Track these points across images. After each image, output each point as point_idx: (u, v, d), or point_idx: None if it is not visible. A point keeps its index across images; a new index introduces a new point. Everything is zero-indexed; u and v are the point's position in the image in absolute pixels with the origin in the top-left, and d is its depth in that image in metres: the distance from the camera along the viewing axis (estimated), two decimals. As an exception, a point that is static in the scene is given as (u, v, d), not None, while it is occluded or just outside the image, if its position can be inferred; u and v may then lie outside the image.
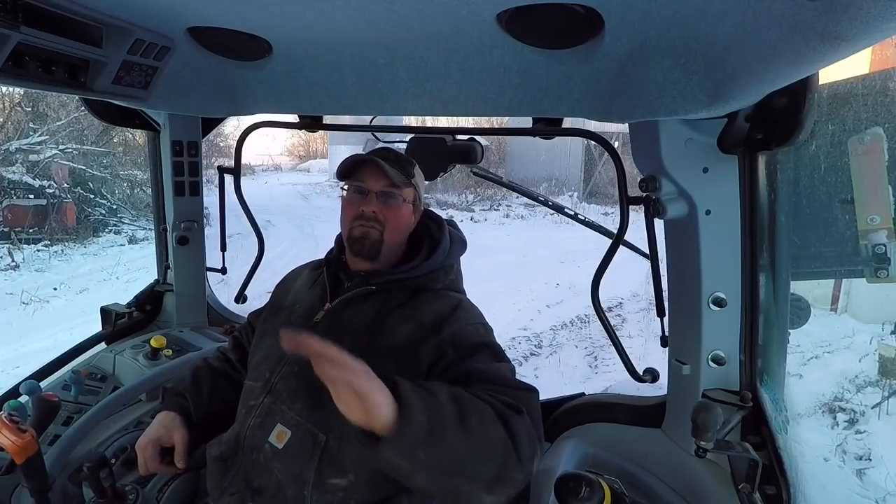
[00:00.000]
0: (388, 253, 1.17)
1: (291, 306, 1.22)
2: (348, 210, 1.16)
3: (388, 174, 1.12)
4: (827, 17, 0.57)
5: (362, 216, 1.13)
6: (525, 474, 0.87)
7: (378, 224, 1.13)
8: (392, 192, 1.15)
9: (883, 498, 3.15)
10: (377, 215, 1.13)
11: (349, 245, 1.17)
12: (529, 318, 6.25)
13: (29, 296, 6.84)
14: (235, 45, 1.16)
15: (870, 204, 1.08)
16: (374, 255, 1.15)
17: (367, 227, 1.13)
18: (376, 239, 1.14)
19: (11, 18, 0.87)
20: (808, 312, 1.28)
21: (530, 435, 0.90)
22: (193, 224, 1.92)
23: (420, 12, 0.90)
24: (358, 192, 1.15)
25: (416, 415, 0.78)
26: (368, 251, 1.14)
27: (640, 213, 1.19)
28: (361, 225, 1.14)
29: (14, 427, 1.05)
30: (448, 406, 0.83)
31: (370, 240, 1.14)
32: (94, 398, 1.56)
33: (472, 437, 0.82)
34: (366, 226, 1.13)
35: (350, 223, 1.15)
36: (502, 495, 0.86)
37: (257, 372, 1.14)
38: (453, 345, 1.04)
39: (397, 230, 1.17)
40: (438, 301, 1.14)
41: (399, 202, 1.16)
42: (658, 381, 1.33)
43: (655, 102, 0.93)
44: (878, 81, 1.10)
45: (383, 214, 1.14)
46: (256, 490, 1.03)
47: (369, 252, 1.14)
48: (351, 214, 1.15)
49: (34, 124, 10.11)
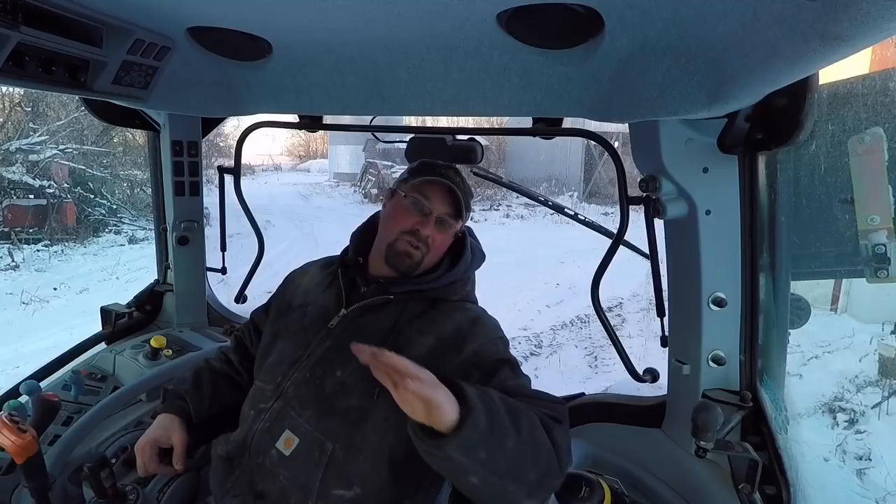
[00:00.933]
0: (419, 271, 1.17)
1: (303, 307, 1.20)
2: (401, 220, 1.14)
3: (457, 204, 1.14)
4: (827, 17, 0.57)
5: (415, 234, 1.12)
6: (560, 482, 0.91)
7: (425, 247, 1.13)
8: (450, 222, 1.15)
9: (883, 498, 3.14)
10: (429, 239, 1.13)
11: (389, 254, 1.15)
12: (529, 318, 6.25)
13: (29, 296, 6.84)
14: (235, 45, 1.16)
15: (870, 204, 1.08)
16: (410, 273, 1.15)
17: (414, 248, 1.13)
18: (418, 260, 1.14)
19: (11, 18, 0.87)
20: (808, 312, 1.27)
21: (568, 445, 0.94)
22: (193, 224, 1.92)
23: (420, 12, 0.90)
24: (419, 206, 1.14)
25: (479, 415, 0.80)
26: (407, 269, 1.14)
27: (640, 213, 1.19)
28: (410, 243, 1.13)
29: (14, 427, 1.05)
30: (502, 408, 0.85)
31: (412, 260, 1.13)
32: (94, 398, 1.55)
33: (524, 440, 0.84)
34: (414, 243, 1.13)
35: (398, 234, 1.14)
36: (539, 500, 0.89)
37: (269, 374, 1.13)
38: (475, 364, 1.04)
39: (437, 255, 1.18)
40: (457, 314, 1.13)
41: (451, 234, 1.17)
42: (658, 381, 1.33)
43: (655, 102, 0.93)
44: (878, 81, 1.10)
45: (433, 239, 1.13)
46: (259, 494, 1.03)
47: (407, 270, 1.14)
48: (403, 226, 1.13)
49: (34, 124, 10.11)
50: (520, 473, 0.84)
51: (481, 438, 0.79)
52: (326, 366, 1.08)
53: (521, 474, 0.84)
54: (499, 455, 0.81)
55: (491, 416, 0.81)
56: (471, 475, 0.82)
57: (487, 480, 0.82)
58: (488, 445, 0.80)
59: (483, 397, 0.83)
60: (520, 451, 0.83)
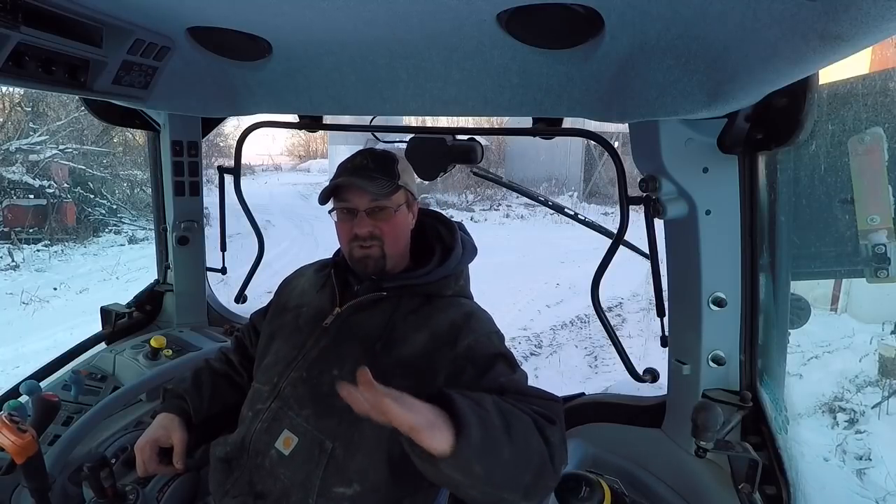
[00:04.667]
0: (394, 261, 1.17)
1: (298, 308, 1.21)
2: (342, 232, 1.15)
3: (370, 190, 1.10)
4: (827, 17, 0.57)
5: (357, 238, 1.12)
6: (556, 482, 0.91)
7: (376, 240, 1.12)
8: (381, 206, 1.12)
9: (883, 498, 3.15)
10: (372, 232, 1.12)
11: (354, 266, 1.16)
12: (529, 318, 6.25)
13: (29, 296, 6.84)
14: (235, 45, 1.16)
15: (870, 204, 1.08)
16: (381, 271, 1.15)
17: (366, 249, 1.12)
18: (378, 256, 1.13)
19: (11, 18, 0.87)
20: (808, 312, 1.27)
21: (562, 444, 0.93)
22: (193, 224, 1.92)
23: (420, 12, 0.89)
24: (347, 212, 1.13)
25: (472, 431, 0.78)
26: (374, 270, 1.14)
27: (640, 213, 1.19)
28: (360, 246, 1.12)
29: (14, 427, 1.05)
30: (496, 417, 0.84)
31: (372, 259, 1.13)
32: (94, 398, 1.55)
33: (517, 446, 0.84)
34: (364, 246, 1.12)
35: (348, 245, 1.14)
36: (537, 500, 0.89)
37: (266, 375, 1.13)
38: (470, 359, 1.04)
39: (397, 240, 1.16)
40: (451, 309, 1.13)
41: (391, 213, 1.13)
42: (658, 381, 1.33)
43: (655, 102, 0.93)
44: (878, 81, 1.10)
45: (378, 229, 1.12)
46: (259, 494, 1.03)
47: (374, 270, 1.14)
48: (346, 236, 1.14)
49: (34, 124, 10.11)
50: (516, 480, 0.84)
51: (475, 454, 0.78)
52: (323, 365, 1.08)
53: (517, 480, 0.84)
54: (495, 467, 0.80)
55: (484, 429, 0.80)
56: (468, 489, 0.82)
57: (486, 492, 0.82)
58: (484, 460, 0.79)
59: (475, 409, 0.82)
60: (515, 459, 0.83)
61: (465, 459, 0.77)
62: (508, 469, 0.82)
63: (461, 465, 0.78)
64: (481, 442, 0.78)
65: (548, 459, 0.87)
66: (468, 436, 0.77)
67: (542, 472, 0.86)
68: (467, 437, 0.77)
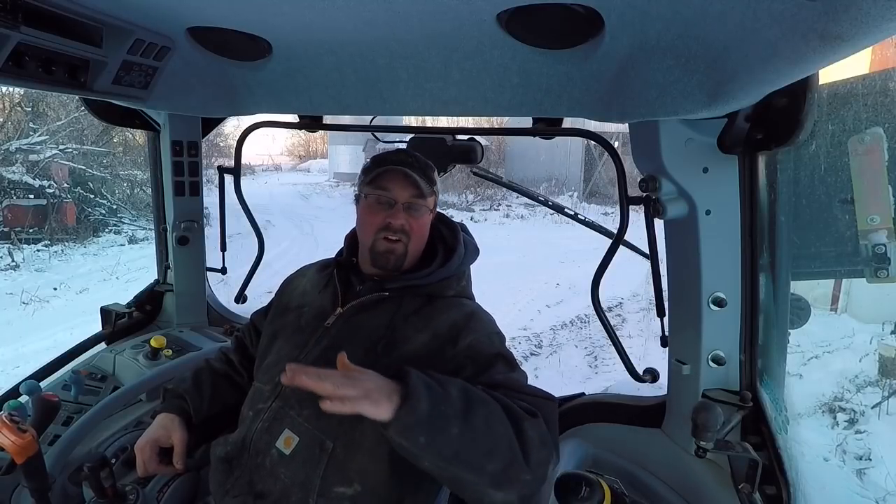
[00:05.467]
0: (411, 261, 1.17)
1: (300, 308, 1.21)
2: (371, 220, 1.14)
3: (418, 184, 1.12)
4: (827, 17, 0.57)
5: (389, 228, 1.12)
6: (534, 476, 0.90)
7: (405, 236, 1.13)
8: (419, 204, 1.13)
9: (883, 498, 3.15)
10: (404, 226, 1.12)
11: (373, 258, 1.15)
12: (529, 318, 6.25)
13: (29, 296, 6.84)
14: (235, 45, 1.16)
15: (870, 204, 1.08)
16: (399, 268, 1.15)
17: (393, 243, 1.12)
18: (401, 252, 1.13)
19: (11, 18, 0.87)
20: (808, 312, 1.28)
21: (543, 439, 0.92)
22: (193, 224, 1.92)
23: (420, 12, 0.90)
24: (383, 201, 1.13)
25: (418, 404, 0.83)
26: (395, 265, 1.14)
27: (640, 213, 1.19)
28: (387, 238, 1.12)
29: (14, 427, 1.05)
30: (456, 399, 0.87)
31: (396, 255, 1.13)
32: (94, 398, 1.55)
33: (476, 430, 0.86)
34: (391, 239, 1.12)
35: (374, 234, 1.13)
36: (512, 493, 0.89)
37: (267, 375, 1.13)
38: (470, 358, 1.04)
39: (420, 240, 1.17)
40: (452, 309, 1.13)
41: (425, 212, 1.15)
42: (658, 381, 1.33)
43: (655, 102, 0.93)
44: (878, 81, 1.10)
45: (409, 225, 1.13)
46: (259, 494, 1.03)
47: (395, 266, 1.14)
48: (376, 225, 1.13)
49: (34, 124, 10.12)
50: (472, 462, 0.85)
51: (420, 424, 0.82)
52: (324, 364, 1.08)
53: (475, 463, 0.85)
54: (440, 441, 0.84)
55: (433, 403, 0.84)
56: (420, 458, 0.85)
57: (438, 465, 0.85)
58: (428, 432, 0.83)
59: (429, 384, 0.86)
60: (468, 440, 0.85)
61: (406, 427, 0.82)
62: (462, 447, 0.84)
63: (403, 433, 0.83)
64: (427, 414, 0.83)
65: (518, 451, 0.88)
66: (412, 406, 0.82)
67: (511, 464, 0.87)
68: (411, 407, 0.82)
